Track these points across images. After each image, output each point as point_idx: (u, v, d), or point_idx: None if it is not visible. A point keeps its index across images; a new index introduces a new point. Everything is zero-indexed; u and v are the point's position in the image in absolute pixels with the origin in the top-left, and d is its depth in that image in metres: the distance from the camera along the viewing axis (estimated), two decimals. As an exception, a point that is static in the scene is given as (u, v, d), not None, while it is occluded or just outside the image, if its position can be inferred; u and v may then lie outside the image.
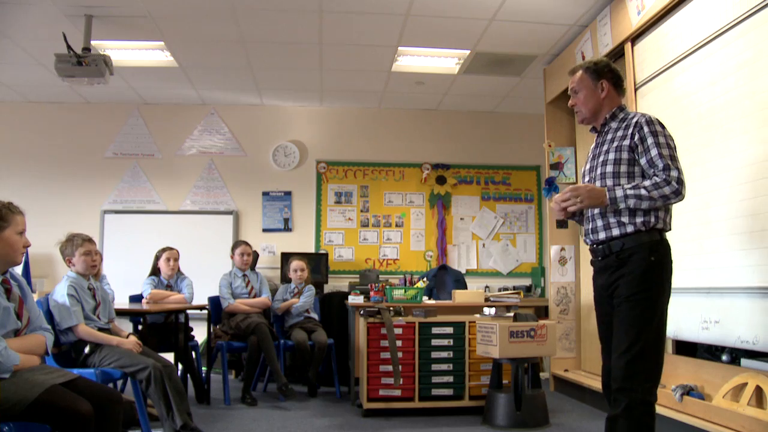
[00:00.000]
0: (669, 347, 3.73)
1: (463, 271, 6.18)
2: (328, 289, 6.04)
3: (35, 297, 2.66)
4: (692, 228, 3.21)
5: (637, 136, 2.23)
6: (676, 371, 3.51)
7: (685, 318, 3.26)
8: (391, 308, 4.16)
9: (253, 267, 5.12)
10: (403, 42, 4.93)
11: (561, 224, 5.12)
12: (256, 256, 5.68)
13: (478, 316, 4.08)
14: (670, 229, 2.27)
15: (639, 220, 2.19)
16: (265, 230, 6.48)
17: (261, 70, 5.60)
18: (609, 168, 2.29)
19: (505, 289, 5.49)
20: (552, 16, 4.43)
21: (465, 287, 5.46)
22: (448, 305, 4.54)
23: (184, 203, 6.44)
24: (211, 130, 6.57)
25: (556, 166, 5.12)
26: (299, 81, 5.90)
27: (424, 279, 4.91)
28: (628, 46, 3.91)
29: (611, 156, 2.29)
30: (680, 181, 2.14)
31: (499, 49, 5.00)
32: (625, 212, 2.21)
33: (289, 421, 3.86)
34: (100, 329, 3.23)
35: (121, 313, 3.84)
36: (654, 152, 2.18)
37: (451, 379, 4.04)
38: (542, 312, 5.52)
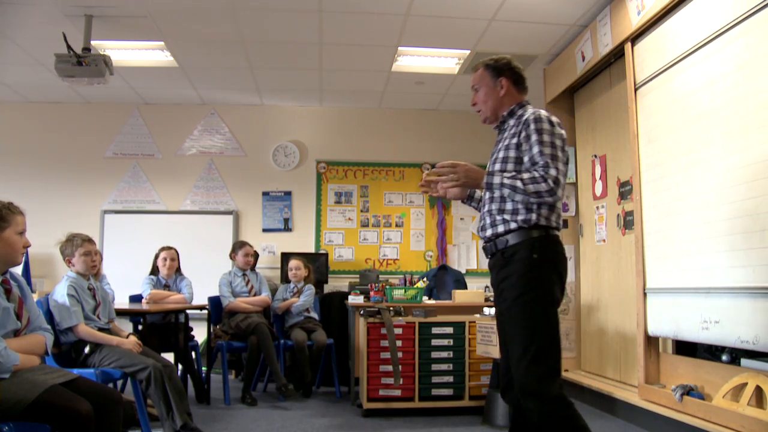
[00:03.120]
0: (669, 347, 3.73)
1: (463, 271, 6.18)
2: (328, 289, 6.04)
3: (35, 297, 2.66)
4: (692, 228, 3.22)
5: (523, 134, 2.22)
6: (676, 371, 3.51)
7: (685, 318, 3.26)
8: (391, 308, 4.16)
9: (253, 267, 5.12)
10: (403, 42, 4.92)
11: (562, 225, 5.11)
12: (256, 256, 5.68)
13: (478, 316, 4.08)
14: (557, 227, 2.24)
15: (520, 217, 2.18)
16: (265, 230, 6.48)
17: (261, 70, 5.60)
18: (497, 166, 2.28)
19: (505, 289, 5.47)
20: (552, 16, 4.43)
21: (465, 287, 5.46)
22: (448, 305, 4.54)
23: (184, 203, 6.45)
24: (211, 130, 6.57)
25: (556, 166, 5.11)
26: (299, 81, 5.90)
27: (424, 279, 4.91)
28: (628, 46, 3.91)
29: (501, 154, 2.29)
30: (557, 181, 2.11)
31: (499, 49, 4.98)
32: (509, 210, 2.21)
33: (289, 421, 3.86)
34: (100, 329, 3.23)
35: (121, 313, 3.84)
36: (536, 150, 2.16)
37: (451, 379, 4.04)
38: (542, 312, 5.51)
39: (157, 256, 4.63)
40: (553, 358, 2.11)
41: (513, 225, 2.19)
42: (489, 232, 2.28)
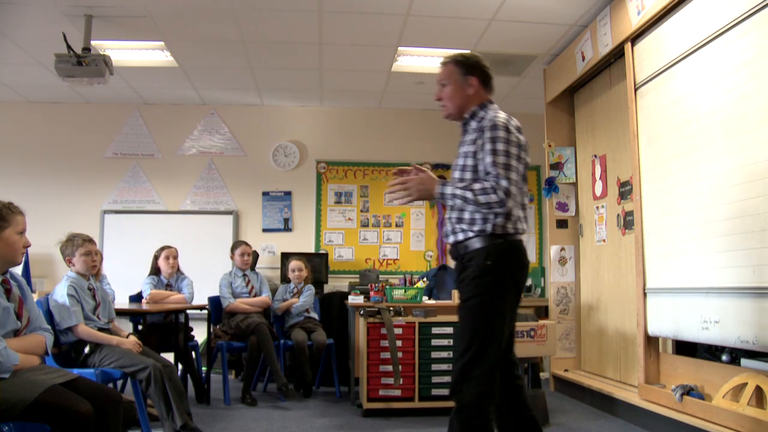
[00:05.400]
0: (669, 347, 3.73)
1: (463, 271, 6.16)
2: (328, 289, 6.04)
3: (35, 297, 2.66)
4: (692, 228, 3.22)
5: (480, 141, 2.23)
6: (676, 371, 3.51)
7: (685, 318, 3.26)
8: (391, 308, 4.16)
9: (253, 267, 5.12)
10: (403, 42, 4.92)
11: (561, 224, 5.12)
12: (256, 256, 5.68)
13: (478, 316, 4.07)
14: (516, 232, 2.23)
15: (476, 228, 2.20)
16: (265, 230, 6.48)
17: (261, 70, 5.60)
18: (457, 174, 2.31)
19: (505, 289, 5.47)
20: (552, 16, 4.43)
21: (465, 287, 5.45)
22: (448, 305, 4.53)
23: (184, 203, 6.45)
24: (211, 130, 6.57)
25: (556, 166, 5.12)
26: (299, 81, 5.90)
27: (424, 279, 4.91)
28: (628, 46, 3.91)
29: (460, 162, 2.31)
30: (507, 192, 2.12)
31: (499, 49, 4.99)
32: (467, 220, 2.23)
33: (289, 421, 3.86)
34: (100, 329, 3.23)
35: (121, 313, 3.84)
36: (488, 159, 2.16)
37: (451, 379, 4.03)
38: (542, 312, 5.52)
39: (157, 257, 4.62)
40: (489, 365, 2.13)
41: (470, 233, 2.22)
42: (451, 239, 2.33)
